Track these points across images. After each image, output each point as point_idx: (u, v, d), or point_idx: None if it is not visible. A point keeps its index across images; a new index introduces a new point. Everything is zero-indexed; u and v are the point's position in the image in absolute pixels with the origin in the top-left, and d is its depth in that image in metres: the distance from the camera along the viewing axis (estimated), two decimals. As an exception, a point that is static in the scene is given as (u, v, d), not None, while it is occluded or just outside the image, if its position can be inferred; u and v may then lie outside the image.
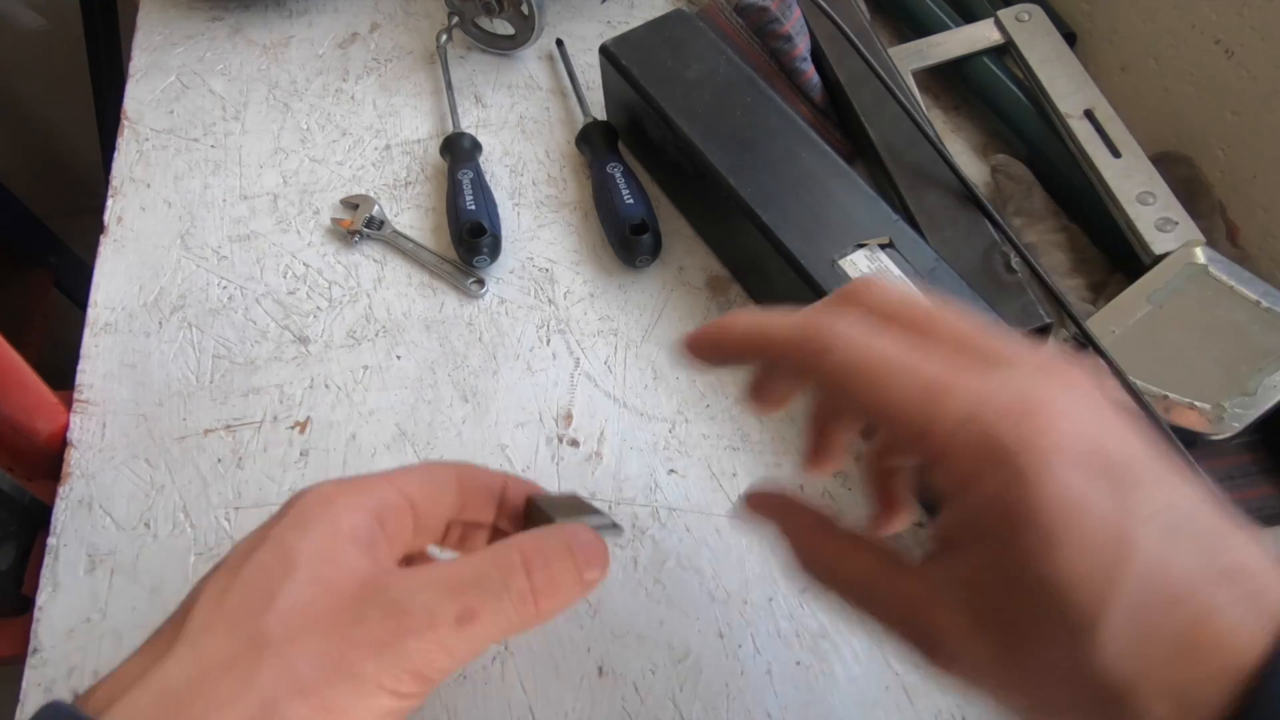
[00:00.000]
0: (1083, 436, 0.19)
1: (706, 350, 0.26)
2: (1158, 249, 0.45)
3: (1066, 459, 0.19)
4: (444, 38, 0.59)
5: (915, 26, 0.59)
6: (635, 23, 0.52)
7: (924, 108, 0.55)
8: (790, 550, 0.24)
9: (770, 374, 0.26)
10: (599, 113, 0.55)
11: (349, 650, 0.21)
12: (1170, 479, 0.19)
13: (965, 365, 0.21)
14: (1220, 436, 0.39)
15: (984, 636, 0.20)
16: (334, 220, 0.51)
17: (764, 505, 0.26)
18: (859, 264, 0.41)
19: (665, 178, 0.52)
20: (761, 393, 0.27)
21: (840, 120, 0.54)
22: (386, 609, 0.22)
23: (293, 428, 0.44)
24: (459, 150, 0.53)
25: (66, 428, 0.44)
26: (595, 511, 0.28)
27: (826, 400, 0.24)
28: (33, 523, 0.43)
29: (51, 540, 0.40)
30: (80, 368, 0.46)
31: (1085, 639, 0.18)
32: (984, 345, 0.22)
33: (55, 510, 0.41)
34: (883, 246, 0.41)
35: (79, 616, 0.39)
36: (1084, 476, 0.18)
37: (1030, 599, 0.19)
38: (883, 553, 0.23)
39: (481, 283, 0.49)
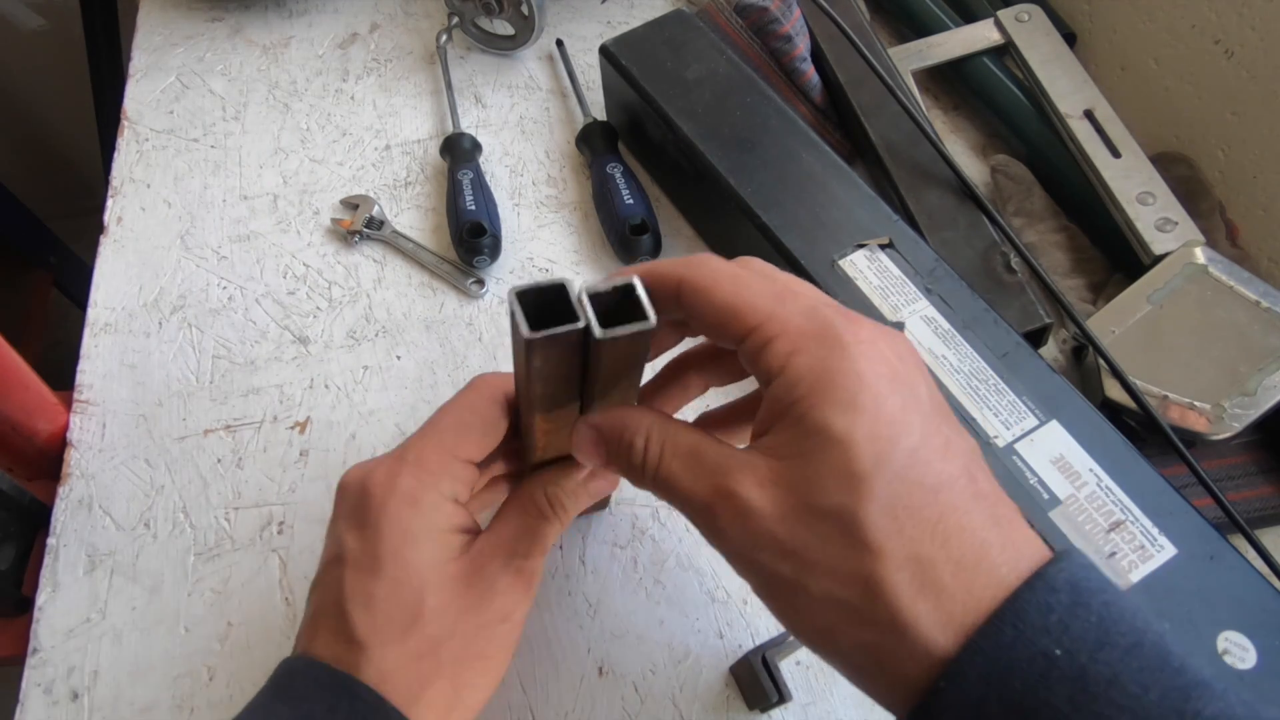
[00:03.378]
0: (895, 356, 0.24)
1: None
2: (1158, 249, 0.45)
3: (878, 358, 0.23)
4: (444, 38, 0.59)
5: (915, 27, 0.59)
6: (635, 23, 0.52)
7: (924, 108, 0.55)
8: (627, 452, 0.26)
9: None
10: (599, 113, 0.55)
11: (489, 623, 0.29)
12: (947, 417, 0.24)
13: (811, 292, 0.25)
14: (1220, 436, 0.39)
15: (774, 486, 0.22)
16: (334, 220, 0.51)
17: (591, 433, 0.28)
18: (859, 264, 0.41)
19: (665, 178, 0.52)
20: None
21: (840, 120, 0.54)
22: (506, 582, 0.29)
23: (293, 428, 0.44)
24: (459, 150, 0.53)
25: (66, 428, 0.44)
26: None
27: (687, 320, 0.26)
28: (33, 523, 0.43)
29: (51, 540, 0.40)
30: (80, 368, 0.46)
31: (858, 489, 0.21)
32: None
33: (55, 510, 0.41)
34: (883, 246, 0.41)
35: (79, 616, 0.39)
36: (886, 377, 0.23)
37: (823, 449, 0.22)
38: (714, 440, 0.25)
39: (481, 283, 0.49)
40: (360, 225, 0.51)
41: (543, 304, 0.23)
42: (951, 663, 0.20)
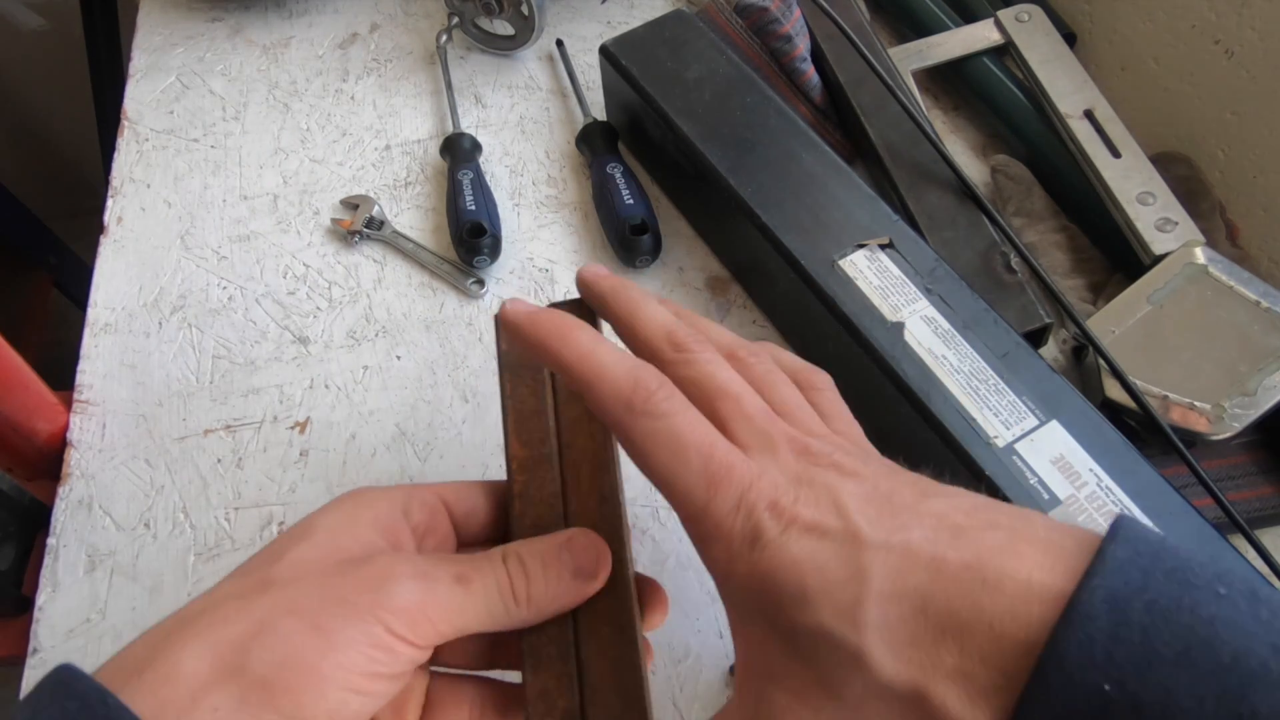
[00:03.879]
0: (820, 511, 0.22)
1: (527, 341, 0.26)
2: (1158, 249, 0.45)
3: (805, 542, 0.22)
4: (444, 38, 0.59)
5: (915, 27, 0.59)
6: (635, 23, 0.52)
7: (924, 108, 0.55)
8: None
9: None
10: (599, 113, 0.55)
11: (345, 585, 0.23)
12: (895, 514, 0.22)
13: (739, 454, 0.23)
14: (1220, 436, 0.39)
15: (822, 710, 0.21)
16: (334, 220, 0.51)
17: None
18: (859, 264, 0.41)
19: (665, 178, 0.52)
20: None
21: (840, 120, 0.54)
22: (387, 560, 0.24)
23: (293, 428, 0.44)
24: (459, 150, 0.53)
25: (66, 428, 0.44)
26: None
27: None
28: (32, 523, 0.43)
29: (51, 540, 0.40)
30: (80, 368, 0.46)
31: (863, 664, 0.20)
32: (750, 424, 0.24)
33: (55, 510, 0.41)
34: (883, 247, 0.41)
35: (79, 617, 0.39)
36: (817, 543, 0.22)
37: (815, 653, 0.21)
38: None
39: (481, 283, 0.49)
40: (360, 225, 0.51)
41: None
42: None
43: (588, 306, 0.30)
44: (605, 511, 0.28)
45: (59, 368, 0.48)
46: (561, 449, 0.29)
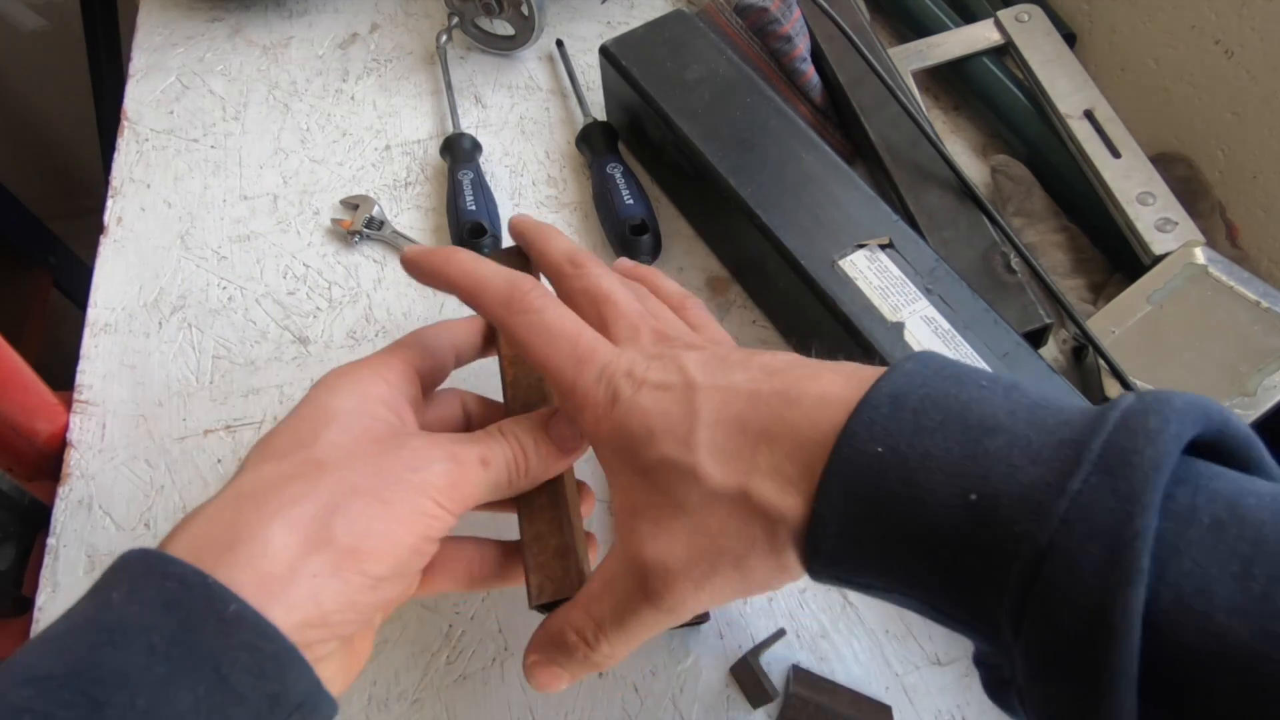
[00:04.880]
0: (665, 373, 0.27)
1: (424, 274, 0.32)
2: (1158, 249, 0.45)
3: (649, 400, 0.27)
4: (444, 38, 0.59)
5: (915, 27, 0.59)
6: (635, 23, 0.52)
7: (924, 108, 0.55)
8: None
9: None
10: (599, 113, 0.55)
11: (394, 466, 0.27)
12: (720, 368, 0.27)
13: (604, 341, 0.29)
14: (1220, 437, 0.39)
15: (667, 533, 0.26)
16: (334, 221, 0.51)
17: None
18: (859, 264, 0.41)
19: (665, 178, 0.52)
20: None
21: (840, 120, 0.54)
22: (421, 443, 0.28)
23: (293, 428, 0.44)
24: (459, 151, 0.53)
25: (66, 428, 0.44)
26: None
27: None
28: (32, 523, 0.43)
29: (51, 541, 0.40)
30: (80, 368, 0.46)
31: (698, 477, 0.25)
32: (624, 319, 0.30)
33: (55, 511, 0.41)
34: (883, 246, 0.41)
35: (79, 617, 0.39)
36: (661, 395, 0.27)
37: (661, 480, 0.26)
38: (608, 567, 0.28)
39: (481, 283, 0.49)
40: (360, 225, 0.51)
41: None
42: (814, 504, 0.23)
43: (522, 254, 0.36)
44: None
45: (59, 368, 0.48)
46: None
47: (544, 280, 0.34)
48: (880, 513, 0.22)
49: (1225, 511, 0.19)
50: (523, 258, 0.37)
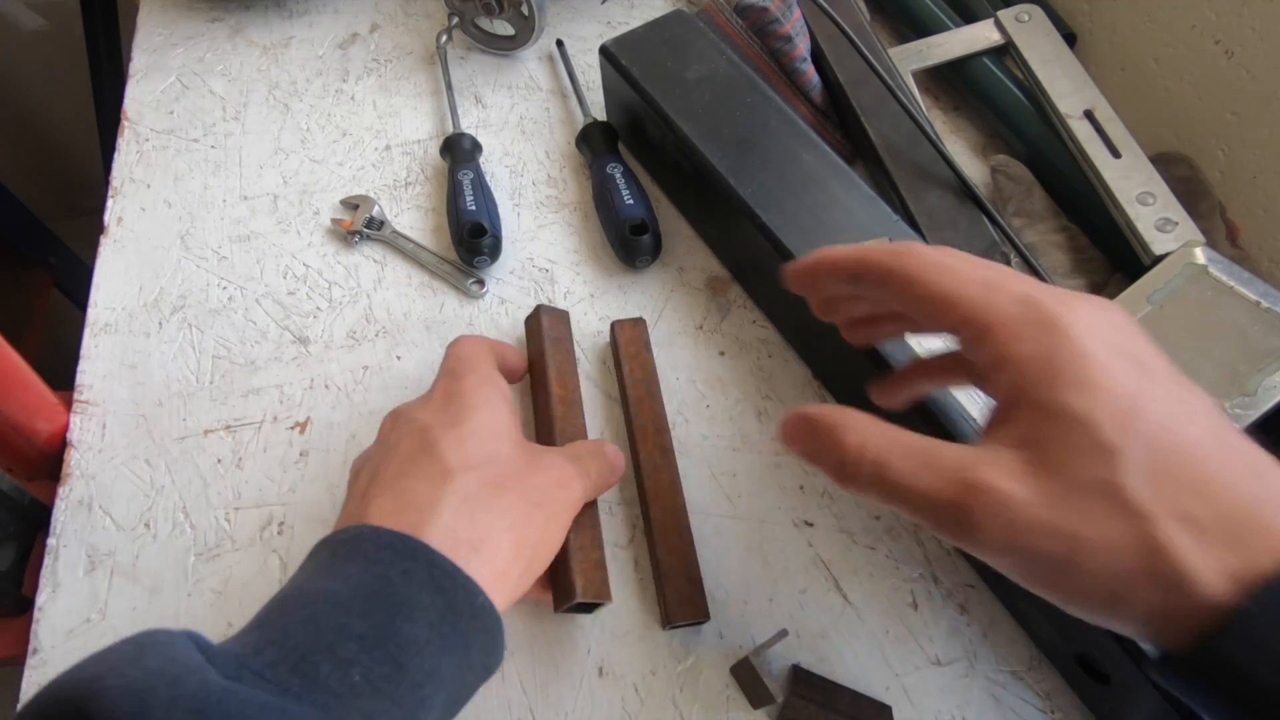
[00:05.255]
0: (1114, 329, 0.24)
1: (806, 275, 0.31)
2: (1158, 249, 0.45)
3: (1099, 335, 0.24)
4: (444, 38, 0.59)
5: (915, 27, 0.59)
6: (635, 23, 0.52)
7: (924, 108, 0.55)
8: (837, 448, 0.26)
9: (853, 302, 0.32)
10: (599, 113, 0.55)
11: (549, 483, 0.34)
12: (1180, 380, 0.24)
13: (1016, 276, 0.26)
14: (1220, 437, 0.39)
15: (1029, 475, 0.23)
16: (334, 221, 0.51)
17: (803, 423, 0.27)
18: (859, 264, 0.41)
19: (665, 178, 0.52)
20: (852, 321, 0.34)
21: (840, 120, 0.54)
22: (560, 463, 0.35)
23: (293, 428, 0.44)
24: (459, 151, 0.53)
25: (66, 428, 0.44)
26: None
27: (896, 308, 0.28)
28: (33, 523, 0.43)
29: (51, 541, 0.40)
30: (80, 368, 0.46)
31: (1113, 461, 0.22)
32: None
33: (55, 511, 0.41)
34: (883, 247, 0.41)
35: (79, 617, 0.39)
36: (1112, 351, 0.23)
37: (1068, 431, 0.22)
38: (933, 442, 0.25)
39: (482, 283, 0.49)
40: (360, 225, 0.51)
41: None
42: (1240, 611, 0.20)
43: (554, 314, 0.45)
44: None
45: (59, 368, 0.48)
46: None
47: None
48: None
49: None
50: (555, 315, 0.45)
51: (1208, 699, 0.21)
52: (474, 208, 0.49)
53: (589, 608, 0.37)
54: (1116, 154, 0.49)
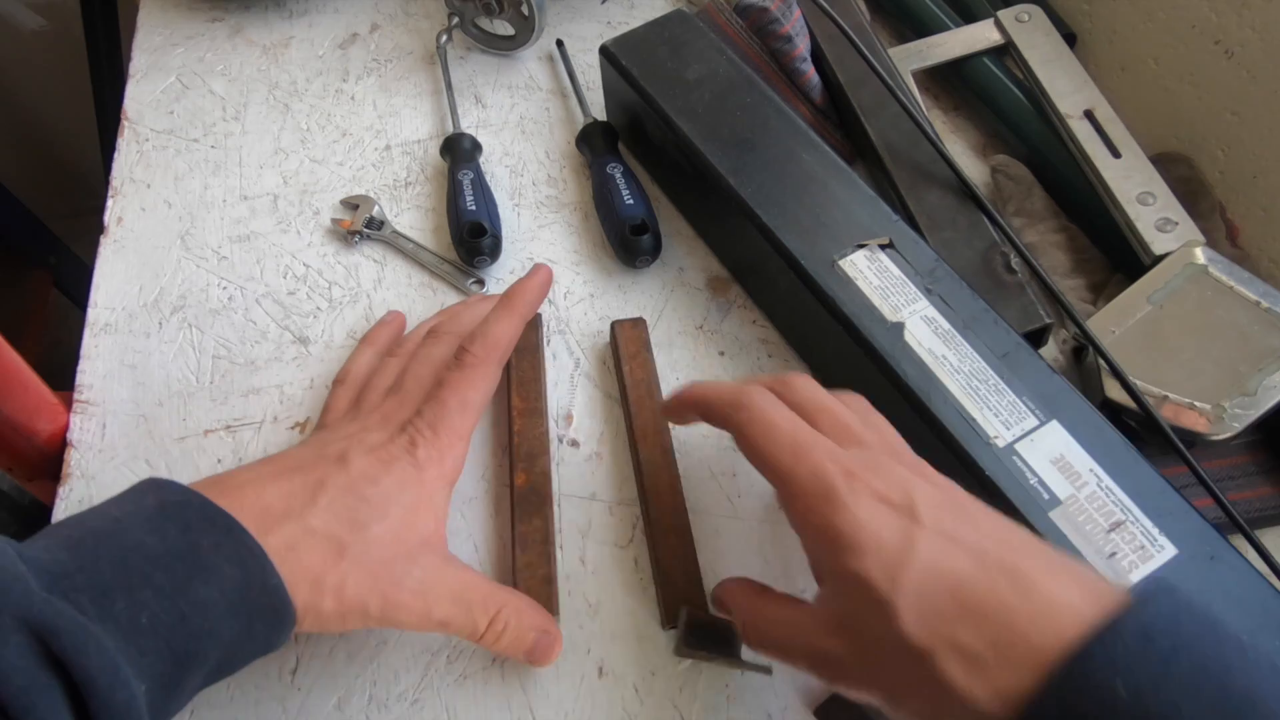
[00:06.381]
0: (883, 493, 0.28)
1: (676, 411, 0.36)
2: (1158, 249, 0.45)
3: (869, 503, 0.27)
4: (444, 38, 0.59)
5: (915, 27, 0.59)
6: (635, 23, 0.52)
7: (924, 108, 0.55)
8: (744, 630, 0.32)
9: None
10: (599, 113, 0.55)
11: (383, 580, 0.32)
12: (954, 512, 0.27)
13: (824, 437, 0.30)
14: (1220, 437, 0.39)
15: (840, 638, 0.27)
16: (334, 221, 0.51)
17: (727, 595, 0.34)
18: (859, 264, 0.41)
19: (665, 178, 0.52)
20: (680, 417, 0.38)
21: (840, 120, 0.54)
22: (415, 591, 0.32)
23: (293, 428, 0.44)
24: (459, 151, 0.53)
25: (66, 428, 0.44)
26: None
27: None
28: (33, 524, 0.43)
29: (51, 541, 0.40)
30: (80, 368, 0.46)
31: (889, 612, 0.25)
32: (844, 429, 0.31)
33: (55, 511, 0.41)
34: (883, 247, 0.41)
35: (79, 617, 0.39)
36: (880, 513, 0.27)
37: (853, 592, 0.26)
38: (794, 606, 0.31)
39: (482, 283, 0.49)
40: (360, 225, 0.51)
41: None
42: (1023, 713, 0.22)
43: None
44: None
45: (59, 368, 0.48)
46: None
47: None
48: None
49: None
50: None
51: None
52: (474, 208, 0.49)
53: None
54: (1116, 154, 0.49)
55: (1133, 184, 0.47)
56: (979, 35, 0.56)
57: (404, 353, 0.41)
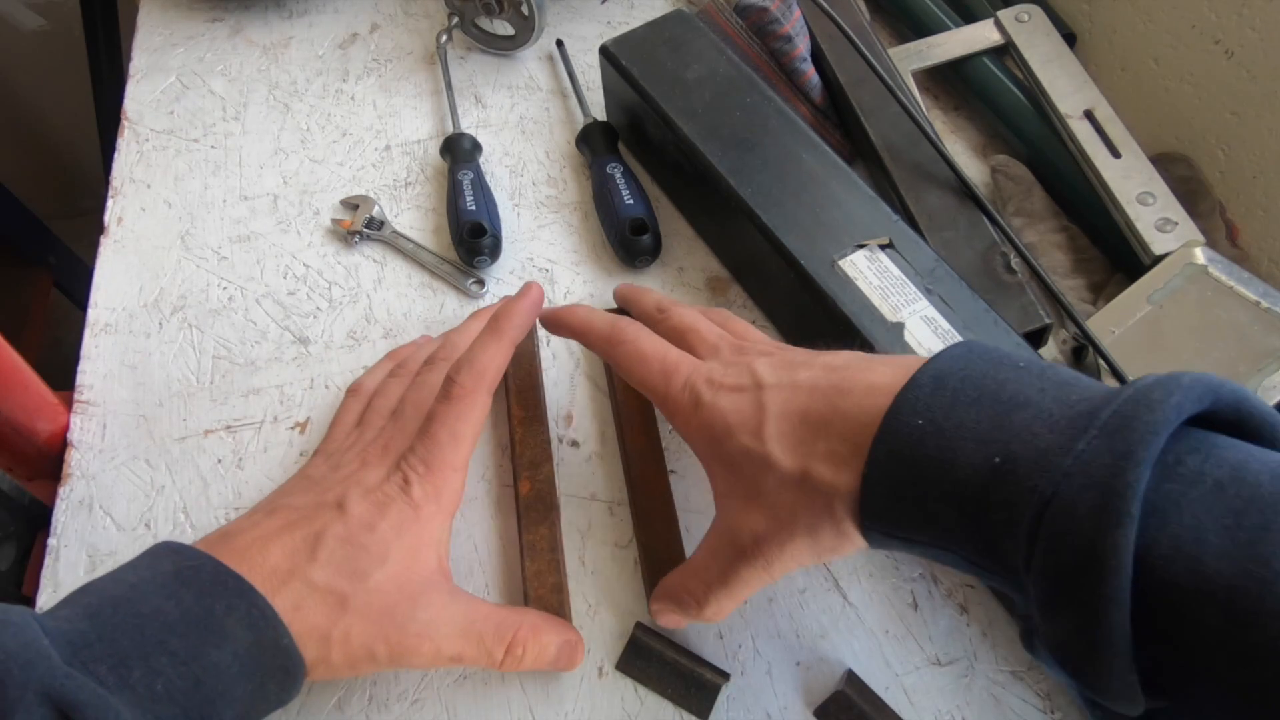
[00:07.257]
0: (740, 377, 0.33)
1: (553, 325, 0.40)
2: (1158, 249, 0.45)
3: (727, 394, 0.32)
4: (444, 38, 0.59)
5: (915, 27, 0.59)
6: (635, 23, 0.52)
7: (924, 108, 0.55)
8: (687, 597, 0.34)
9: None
10: (599, 113, 0.55)
11: (388, 627, 0.32)
12: (789, 368, 0.32)
13: (688, 355, 0.35)
14: (1220, 437, 0.39)
15: (747, 510, 0.31)
16: (334, 221, 0.51)
17: (660, 601, 0.36)
18: (859, 264, 0.41)
19: (665, 178, 0.52)
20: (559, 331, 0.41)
21: (840, 120, 0.54)
22: (420, 634, 0.32)
23: (293, 428, 0.44)
24: (459, 151, 0.53)
25: (67, 428, 0.44)
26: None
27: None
28: (33, 523, 0.43)
29: (52, 541, 0.40)
30: (80, 368, 0.46)
31: (769, 462, 0.30)
32: (704, 343, 0.36)
33: (55, 511, 0.41)
34: (883, 247, 0.41)
35: (79, 617, 0.39)
36: (736, 398, 0.32)
37: (738, 466, 0.31)
38: (699, 548, 0.34)
39: (482, 283, 0.49)
40: (360, 225, 0.51)
41: None
42: (864, 471, 0.27)
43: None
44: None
45: (59, 368, 0.48)
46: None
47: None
48: (920, 475, 0.26)
49: (1228, 474, 0.22)
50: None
51: (886, 543, 0.28)
52: (474, 208, 0.49)
53: None
54: (1116, 154, 0.49)
55: (1133, 184, 0.47)
56: (979, 35, 0.56)
57: (406, 373, 0.42)
